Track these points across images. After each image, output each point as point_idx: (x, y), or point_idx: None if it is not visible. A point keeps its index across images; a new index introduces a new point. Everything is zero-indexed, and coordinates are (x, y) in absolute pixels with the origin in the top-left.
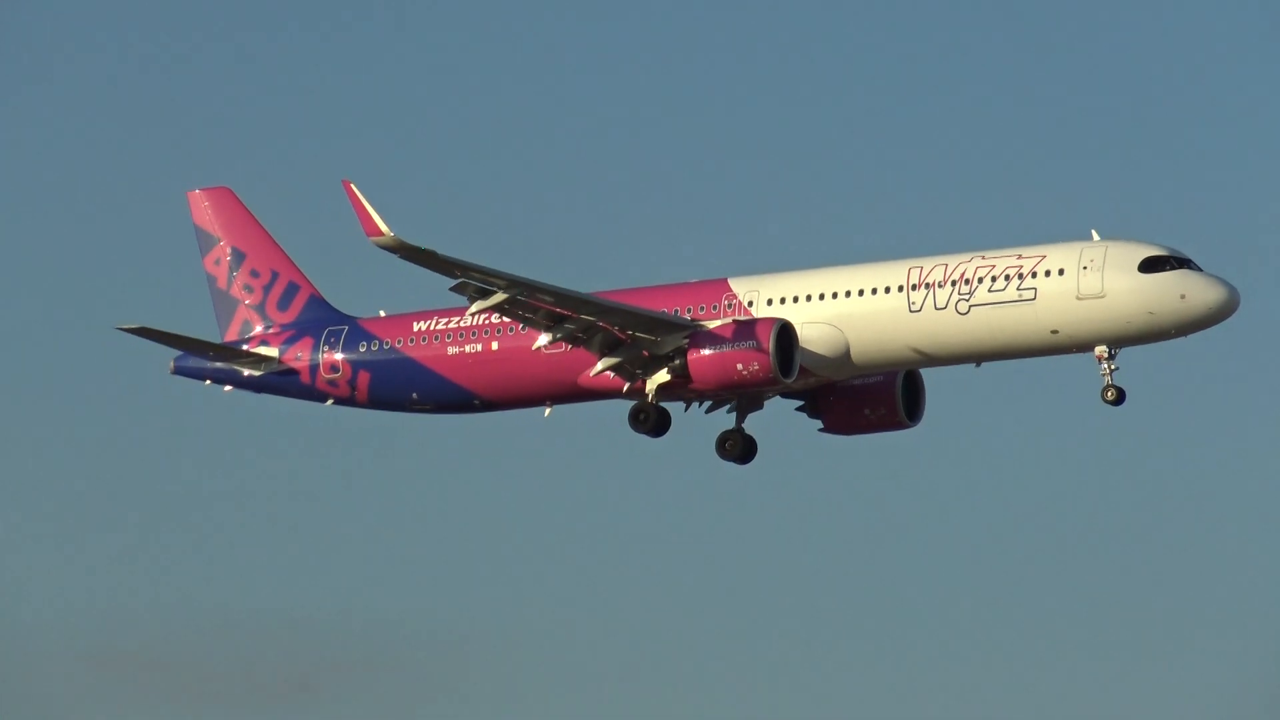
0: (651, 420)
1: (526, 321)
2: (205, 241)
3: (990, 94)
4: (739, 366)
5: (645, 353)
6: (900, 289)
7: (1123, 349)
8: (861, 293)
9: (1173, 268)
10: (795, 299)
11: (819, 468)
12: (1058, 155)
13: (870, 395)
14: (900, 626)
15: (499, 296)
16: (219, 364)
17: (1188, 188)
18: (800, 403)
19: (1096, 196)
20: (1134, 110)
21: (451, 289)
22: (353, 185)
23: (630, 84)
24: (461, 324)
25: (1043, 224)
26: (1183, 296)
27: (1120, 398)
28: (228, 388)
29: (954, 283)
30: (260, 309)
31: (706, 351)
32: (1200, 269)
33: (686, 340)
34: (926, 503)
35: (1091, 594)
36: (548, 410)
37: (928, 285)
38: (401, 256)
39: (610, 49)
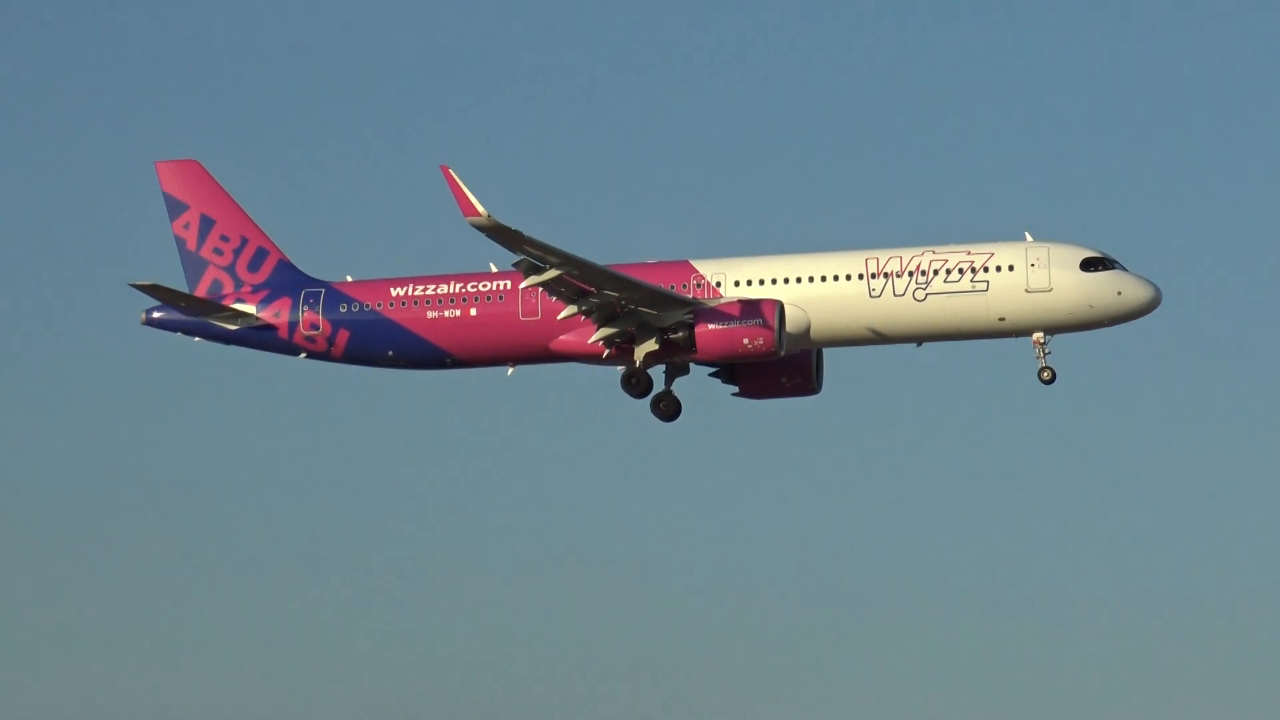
0: (642, 384)
1: (558, 294)
2: (174, 207)
3: (935, 100)
4: (745, 341)
5: (636, 325)
6: (860, 277)
7: (1058, 336)
8: (825, 279)
9: (1108, 268)
10: (761, 281)
11: (739, 427)
12: (987, 158)
13: (789, 365)
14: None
15: (551, 273)
16: (192, 317)
17: (1106, 191)
18: (714, 369)
19: (1020, 198)
20: (1056, 120)
21: (514, 265)
22: (450, 170)
23: (596, 69)
24: (438, 291)
25: (974, 221)
26: (1119, 293)
27: (1054, 378)
28: (197, 339)
29: (911, 273)
30: (230, 270)
31: (714, 326)
32: (1128, 269)
33: (690, 315)
34: (832, 459)
35: (976, 545)
36: (510, 370)
37: (886, 274)
38: (488, 235)
39: (577, 32)
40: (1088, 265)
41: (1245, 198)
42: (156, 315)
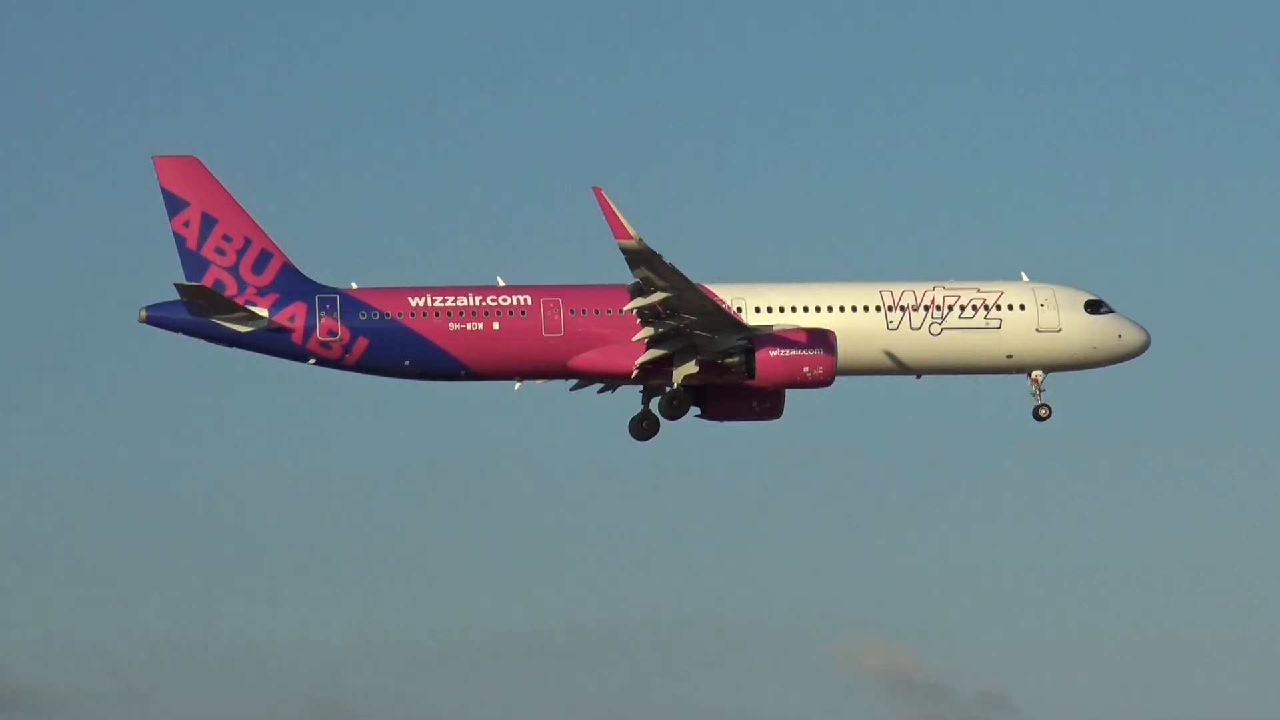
0: (684, 404)
1: (643, 314)
2: (173, 204)
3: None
4: (805, 369)
5: (682, 347)
6: (878, 309)
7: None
8: (843, 309)
9: (1106, 311)
10: (782, 309)
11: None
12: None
13: (763, 391)
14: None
15: (658, 296)
16: (197, 317)
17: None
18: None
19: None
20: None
21: (631, 286)
22: (603, 192)
23: (620, 88)
24: (458, 304)
25: (965, 259)
26: (1120, 336)
27: (1050, 415)
28: (197, 340)
29: (926, 308)
30: (234, 271)
31: (776, 353)
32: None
33: (745, 341)
34: (804, 483)
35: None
36: (518, 385)
37: (903, 308)
38: (629, 259)
39: (602, 46)
40: (1090, 308)
41: (1199, 234)
42: (158, 314)
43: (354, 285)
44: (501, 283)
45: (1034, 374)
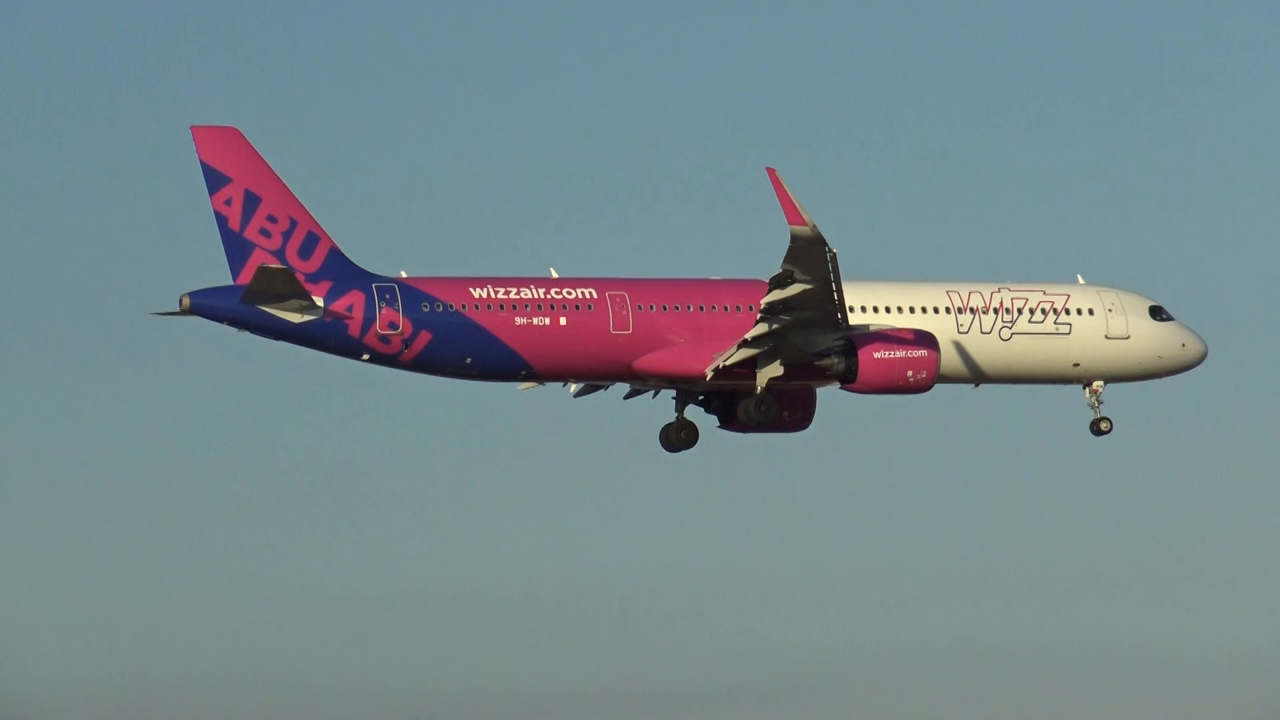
0: (772, 409)
1: (766, 313)
2: (214, 180)
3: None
4: (909, 374)
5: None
6: (948, 310)
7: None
8: (911, 310)
9: (1167, 318)
10: (851, 308)
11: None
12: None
13: (794, 399)
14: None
15: (797, 289)
16: (249, 305)
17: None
18: (699, 397)
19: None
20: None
21: (775, 277)
22: (777, 173)
23: (669, 89)
24: (521, 295)
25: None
26: (1183, 345)
27: (1111, 429)
28: (244, 331)
29: (995, 311)
30: (280, 255)
31: (882, 354)
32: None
33: (841, 341)
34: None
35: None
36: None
37: (972, 310)
38: (797, 246)
39: (651, 46)
40: (1154, 314)
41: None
42: (203, 301)
43: (403, 274)
44: (555, 274)
45: (1094, 384)
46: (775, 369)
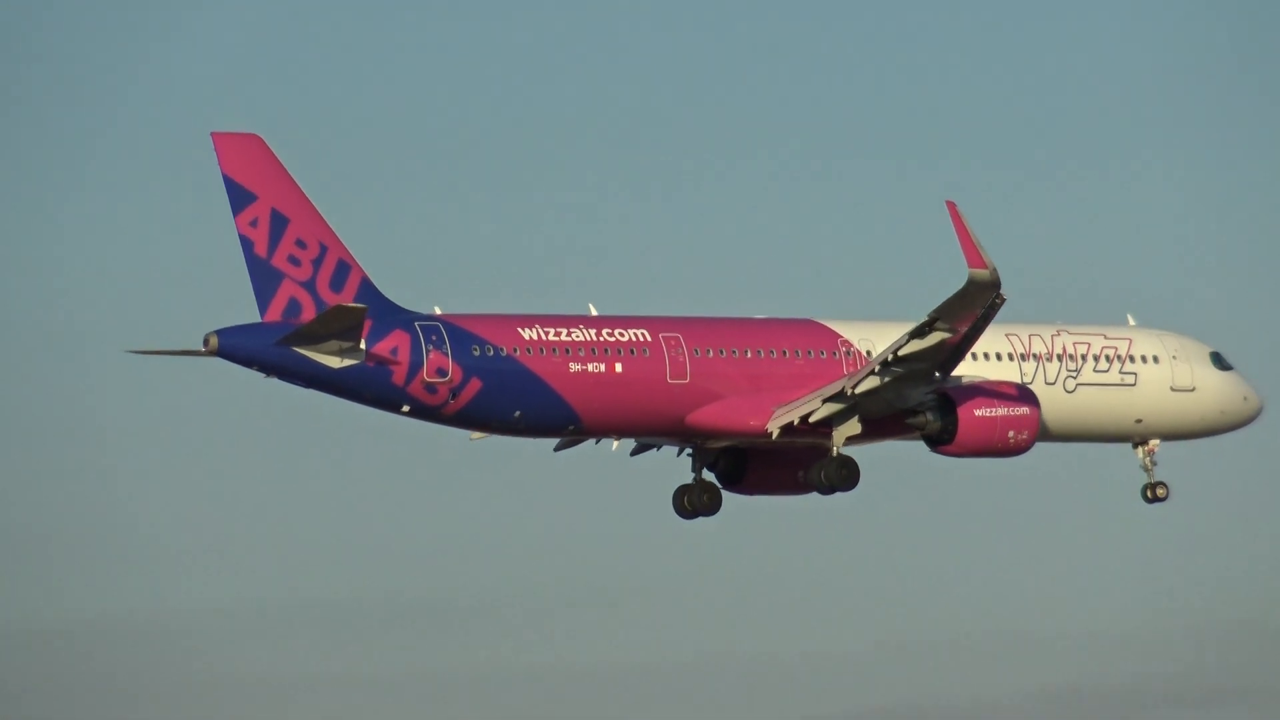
0: (853, 475)
1: (884, 365)
2: (239, 197)
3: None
4: (1010, 434)
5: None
6: (1010, 357)
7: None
8: (975, 356)
9: (1228, 367)
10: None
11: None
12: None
13: (806, 458)
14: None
15: (937, 337)
16: (283, 346)
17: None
18: (710, 456)
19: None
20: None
21: (922, 325)
22: (958, 208)
23: (724, 114)
24: (572, 338)
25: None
26: (1245, 398)
27: (1168, 496)
28: (273, 378)
29: (1059, 357)
30: (310, 286)
31: (984, 412)
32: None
33: (933, 396)
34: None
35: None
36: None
37: (1035, 357)
38: (969, 291)
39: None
40: (1215, 361)
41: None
42: (235, 341)
43: (437, 310)
44: (594, 311)
45: (1151, 443)
46: (854, 426)
